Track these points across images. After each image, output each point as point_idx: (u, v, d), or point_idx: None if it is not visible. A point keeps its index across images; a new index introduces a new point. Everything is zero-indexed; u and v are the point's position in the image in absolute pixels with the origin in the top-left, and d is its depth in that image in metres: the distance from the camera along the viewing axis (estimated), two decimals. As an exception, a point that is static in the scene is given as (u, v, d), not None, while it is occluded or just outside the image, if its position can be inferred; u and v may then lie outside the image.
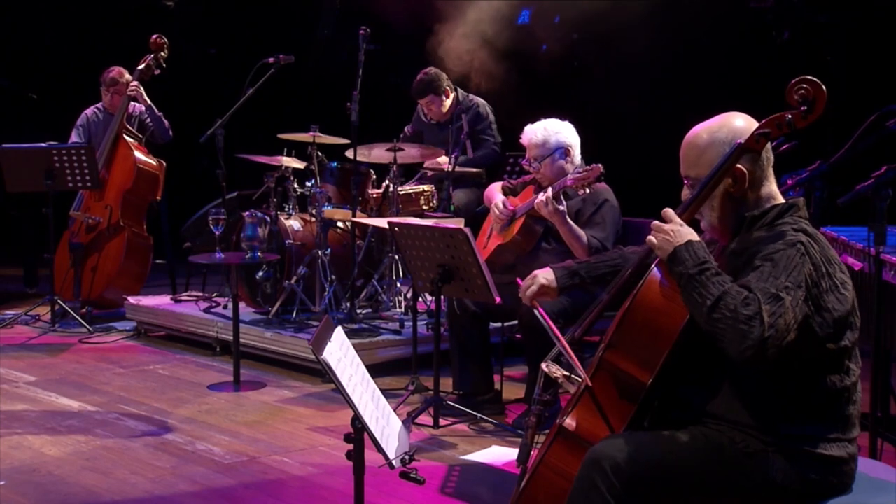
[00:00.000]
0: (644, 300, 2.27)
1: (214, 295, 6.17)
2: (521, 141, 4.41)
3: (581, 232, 4.18)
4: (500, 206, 4.47)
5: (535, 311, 2.62)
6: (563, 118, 4.45)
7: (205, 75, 8.41)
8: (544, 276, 2.78)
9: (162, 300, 6.21)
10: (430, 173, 5.96)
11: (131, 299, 6.17)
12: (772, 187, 2.30)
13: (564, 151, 4.33)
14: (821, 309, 2.12)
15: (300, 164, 5.68)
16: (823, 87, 2.21)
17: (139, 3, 8.43)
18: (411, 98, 6.14)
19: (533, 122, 4.43)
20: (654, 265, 2.30)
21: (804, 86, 2.22)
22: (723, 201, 2.29)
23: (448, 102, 6.04)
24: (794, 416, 2.19)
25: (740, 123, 2.30)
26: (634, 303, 2.28)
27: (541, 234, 4.35)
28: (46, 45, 8.31)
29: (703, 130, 2.33)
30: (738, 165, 2.25)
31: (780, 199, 2.31)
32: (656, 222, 2.27)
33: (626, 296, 2.36)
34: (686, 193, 2.36)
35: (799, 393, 2.19)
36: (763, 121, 2.26)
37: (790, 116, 2.22)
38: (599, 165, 3.96)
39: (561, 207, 4.11)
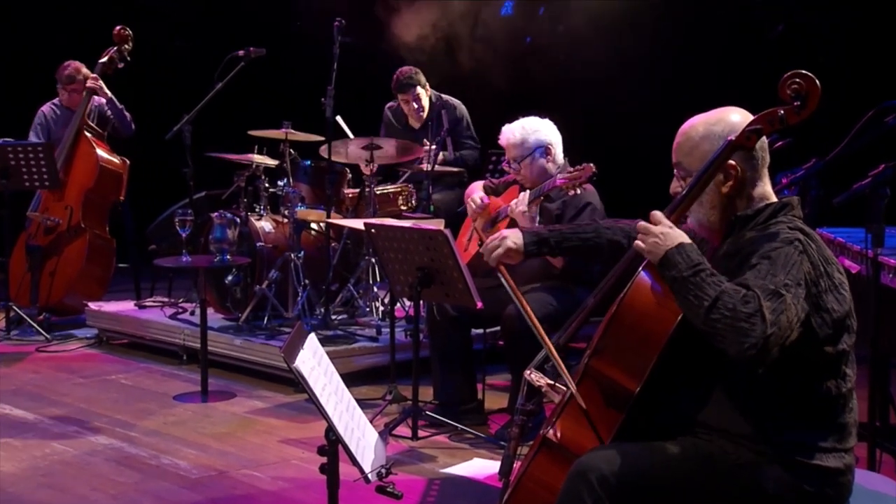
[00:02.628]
0: (632, 304, 2.26)
1: (181, 300, 6.11)
2: (499, 142, 4.42)
3: None
4: (478, 200, 4.48)
5: (500, 276, 2.63)
6: (544, 116, 4.42)
7: (172, 68, 8.37)
8: (513, 239, 2.77)
9: (125, 306, 6.18)
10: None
11: (92, 305, 6.13)
12: (766, 187, 2.29)
13: (545, 150, 4.31)
14: (820, 309, 2.11)
15: (272, 163, 5.70)
16: (817, 82, 2.19)
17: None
18: (392, 93, 6.14)
19: (519, 118, 4.39)
20: (641, 268, 2.28)
21: (797, 80, 2.19)
22: (714, 199, 2.27)
23: (426, 98, 6.08)
24: (789, 424, 2.17)
25: (737, 119, 2.29)
26: (621, 307, 2.27)
27: (525, 236, 4.28)
28: (3, 39, 8.15)
29: (699, 122, 2.33)
30: (731, 162, 2.23)
31: (774, 199, 2.29)
32: (642, 223, 2.24)
33: (612, 300, 2.34)
34: (675, 185, 2.35)
35: (794, 399, 2.16)
36: (755, 117, 2.24)
37: (783, 112, 2.20)
38: (591, 165, 3.93)
39: (532, 212, 4.09)
